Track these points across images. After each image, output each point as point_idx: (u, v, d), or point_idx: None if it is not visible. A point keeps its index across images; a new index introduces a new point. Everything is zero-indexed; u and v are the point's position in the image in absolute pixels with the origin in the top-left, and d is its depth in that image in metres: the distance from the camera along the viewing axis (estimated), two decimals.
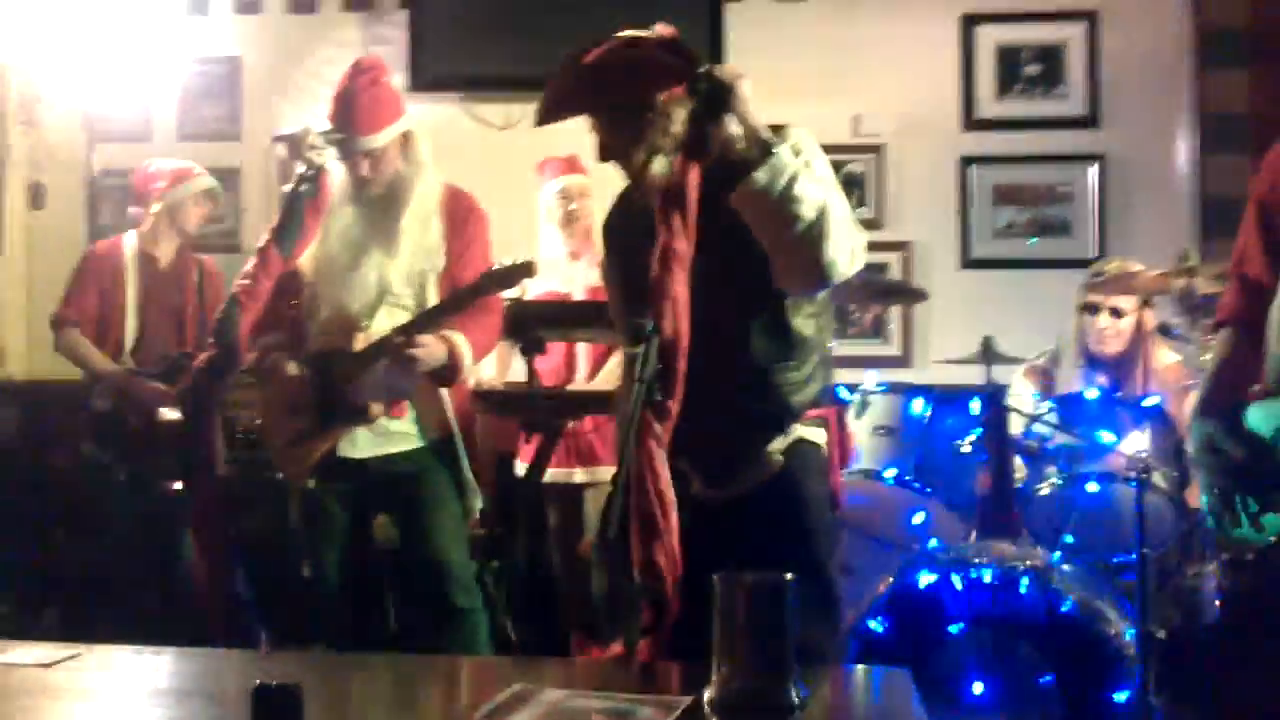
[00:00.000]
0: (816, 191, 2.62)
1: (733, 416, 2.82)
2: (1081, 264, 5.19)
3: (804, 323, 2.84)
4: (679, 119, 2.72)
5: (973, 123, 5.93)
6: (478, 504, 3.99)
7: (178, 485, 4.73)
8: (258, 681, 1.22)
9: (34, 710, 1.96)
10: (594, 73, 2.74)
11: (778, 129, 2.69)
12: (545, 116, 2.81)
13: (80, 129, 5.96)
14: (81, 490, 5.12)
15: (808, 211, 2.60)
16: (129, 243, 5.13)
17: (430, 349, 3.73)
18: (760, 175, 2.58)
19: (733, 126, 2.63)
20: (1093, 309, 4.64)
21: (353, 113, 3.78)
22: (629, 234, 2.89)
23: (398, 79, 4.41)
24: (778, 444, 2.86)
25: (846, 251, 2.66)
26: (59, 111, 6.00)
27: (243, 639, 4.49)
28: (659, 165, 2.74)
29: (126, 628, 4.63)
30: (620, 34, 2.80)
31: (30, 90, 5.93)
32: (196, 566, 4.65)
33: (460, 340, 3.77)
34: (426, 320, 3.76)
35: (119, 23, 5.77)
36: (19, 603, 5.24)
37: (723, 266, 2.72)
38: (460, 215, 3.94)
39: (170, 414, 4.79)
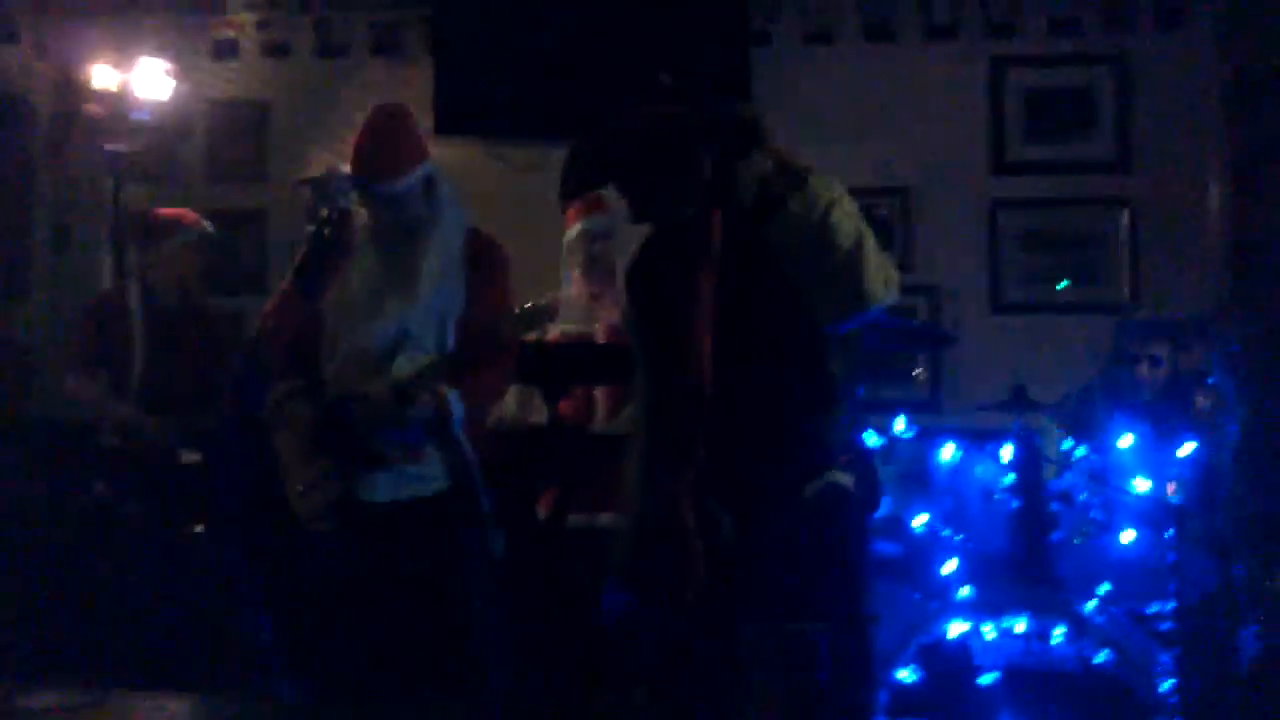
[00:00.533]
0: (850, 220, 2.60)
1: (765, 459, 2.77)
2: (1114, 309, 5.14)
3: (835, 365, 2.80)
4: (705, 165, 2.69)
5: (1002, 166, 5.89)
6: (498, 548, 3.94)
7: (198, 528, 4.71)
8: None
9: None
10: (614, 148, 2.71)
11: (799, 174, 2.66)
12: (568, 192, 2.80)
13: (106, 171, 5.96)
14: (96, 530, 5.11)
15: (844, 239, 2.58)
16: (133, 290, 5.20)
17: (419, 406, 3.71)
18: (795, 204, 2.56)
19: (762, 164, 2.60)
20: (1130, 356, 4.59)
21: (374, 157, 3.76)
22: (655, 281, 2.85)
23: (422, 122, 4.41)
24: (810, 488, 2.81)
25: (883, 279, 2.64)
26: (85, 153, 6.02)
27: (265, 683, 4.44)
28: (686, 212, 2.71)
29: (151, 670, 4.60)
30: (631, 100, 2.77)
31: (57, 132, 5.96)
32: (217, 608, 4.63)
33: (451, 395, 3.74)
34: (431, 373, 3.73)
35: (146, 65, 5.77)
36: (37, 649, 5.22)
37: (757, 309, 2.70)
38: (482, 258, 3.91)
39: (190, 455, 4.79)
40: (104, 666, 4.77)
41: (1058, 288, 5.73)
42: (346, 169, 3.81)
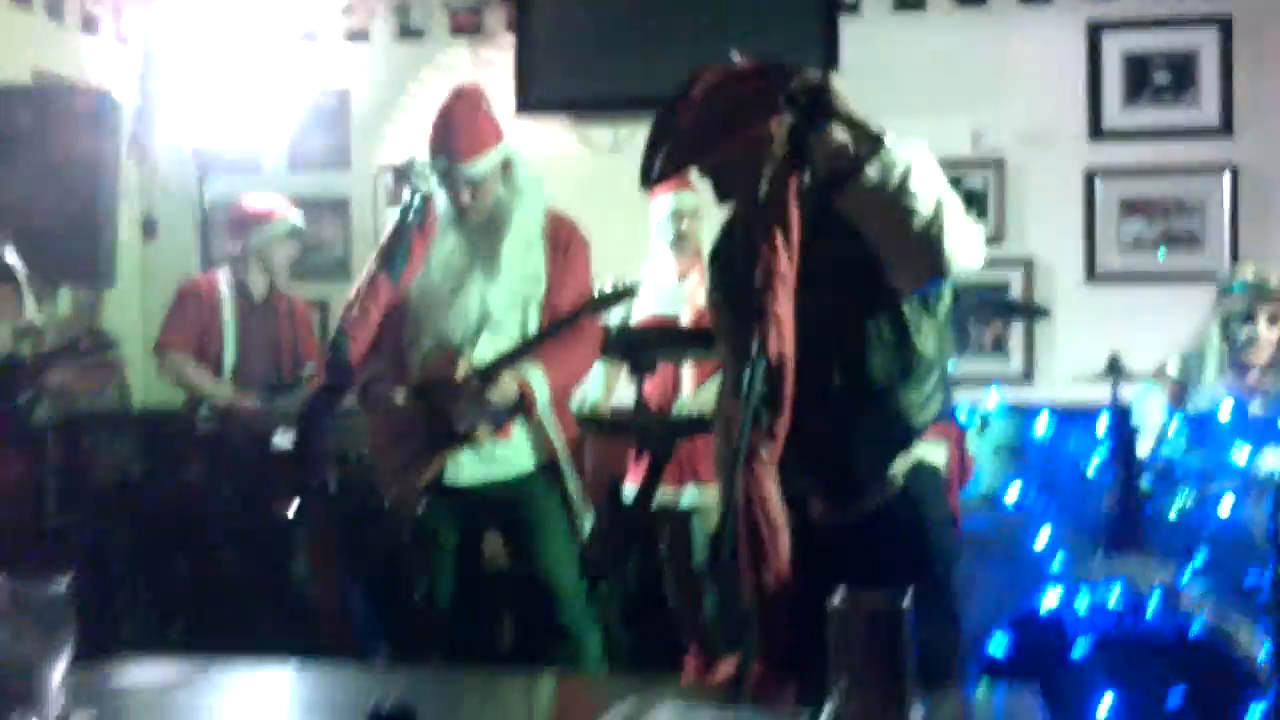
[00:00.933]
0: (930, 183, 2.53)
1: (851, 437, 2.74)
2: (1212, 278, 5.02)
3: (923, 340, 2.73)
4: (780, 139, 2.64)
5: (1099, 133, 5.76)
6: (587, 525, 3.95)
7: (291, 509, 4.78)
8: (373, 703, 1.20)
9: None
10: (692, 131, 2.65)
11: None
12: (649, 180, 2.75)
13: (191, 161, 6.04)
14: (192, 514, 5.20)
15: (924, 205, 2.50)
16: (224, 276, 5.33)
17: (503, 389, 3.72)
18: (872, 170, 2.48)
19: (836, 133, 2.55)
20: (1249, 318, 4.49)
21: (452, 140, 3.77)
22: (735, 259, 2.83)
23: (503, 103, 4.41)
24: (897, 465, 2.77)
25: (964, 243, 2.56)
26: (170, 144, 6.11)
27: (361, 656, 4.50)
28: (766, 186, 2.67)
29: (246, 649, 4.67)
30: (702, 77, 2.70)
31: (143, 124, 6.04)
32: (313, 587, 4.70)
33: (534, 376, 3.75)
34: (514, 356, 3.74)
35: (229, 54, 5.83)
36: (143, 628, 5.32)
37: (837, 282, 2.64)
38: (562, 241, 3.92)
39: (283, 441, 4.86)
40: (201, 644, 4.87)
41: (1159, 257, 5.62)
42: (427, 154, 3.82)
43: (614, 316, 4.73)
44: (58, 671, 1.76)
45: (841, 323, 2.68)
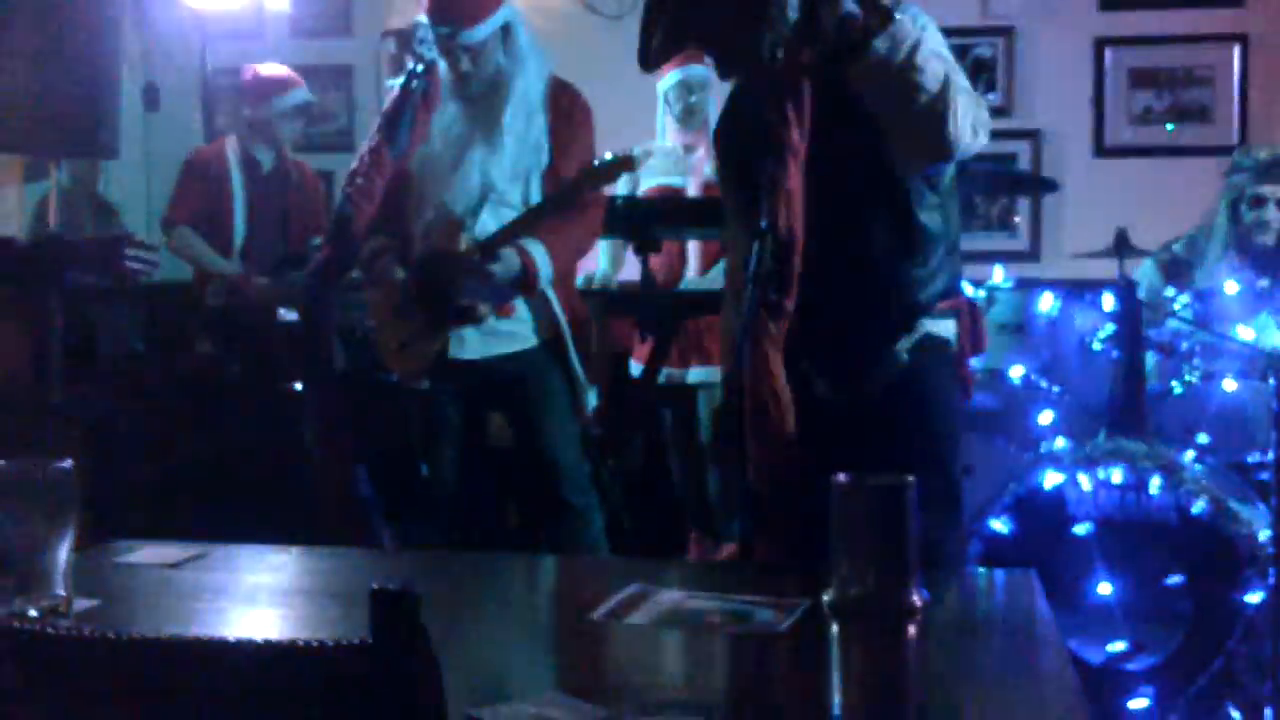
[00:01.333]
0: (938, 61, 2.47)
1: (856, 314, 2.70)
2: (1223, 151, 4.97)
3: (929, 215, 2.68)
4: (786, 12, 2.58)
5: (1109, 2, 5.66)
6: (590, 402, 3.95)
7: (296, 385, 4.78)
8: (375, 585, 1.21)
9: (160, 609, 1.98)
10: (690, 6, 2.57)
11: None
12: (648, 63, 2.68)
13: (192, 27, 5.95)
14: (200, 389, 5.20)
15: (930, 82, 2.42)
16: (232, 146, 5.23)
17: (505, 262, 3.68)
18: (880, 44, 2.39)
19: (846, 3, 2.49)
20: (1258, 200, 4.44)
21: (451, 5, 3.69)
22: (744, 133, 2.79)
23: None
24: (904, 342, 2.77)
25: (970, 123, 2.51)
26: (171, 10, 6.00)
27: (366, 537, 4.55)
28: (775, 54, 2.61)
29: (251, 527, 4.70)
30: None
31: None
32: (316, 465, 4.72)
33: (537, 251, 3.71)
34: (515, 229, 3.70)
35: None
36: (147, 504, 5.35)
37: (841, 157, 2.58)
38: (565, 109, 3.86)
39: (288, 314, 4.85)
40: (208, 523, 4.91)
41: (1167, 129, 5.56)
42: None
43: (619, 189, 4.71)
44: (62, 554, 1.76)
45: (845, 197, 2.62)
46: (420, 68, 3.72)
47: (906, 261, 2.69)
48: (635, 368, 4.73)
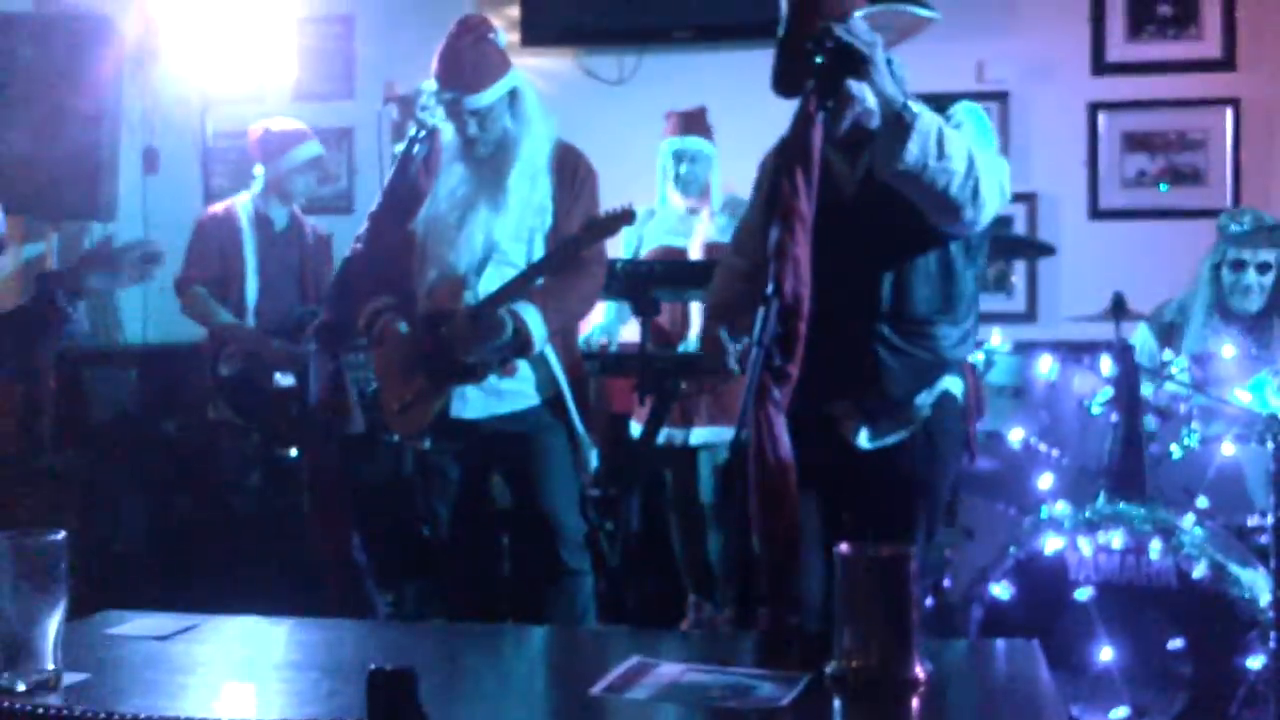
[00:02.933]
0: (960, 140, 2.57)
1: (894, 363, 2.85)
2: (1216, 213, 5.00)
3: (967, 276, 2.87)
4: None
5: (1102, 67, 5.72)
6: (591, 464, 3.95)
7: (293, 451, 4.76)
8: (372, 666, 1.19)
9: (151, 684, 1.95)
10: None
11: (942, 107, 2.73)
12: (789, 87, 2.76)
13: (193, 92, 5.98)
14: (209, 452, 5.18)
15: (959, 164, 2.56)
16: (243, 205, 5.20)
17: (498, 327, 3.69)
18: (913, 149, 2.52)
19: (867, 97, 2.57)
20: (1239, 265, 4.47)
21: (459, 71, 3.73)
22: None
23: (509, 34, 4.36)
24: (926, 396, 2.90)
25: (997, 189, 2.67)
26: (172, 75, 6.04)
27: (361, 603, 4.51)
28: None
29: (249, 592, 4.67)
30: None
31: (144, 54, 5.96)
32: (314, 530, 4.69)
33: (530, 314, 3.70)
34: (511, 289, 3.71)
35: None
36: (141, 567, 5.32)
37: (891, 215, 2.71)
38: (568, 171, 3.88)
39: (285, 380, 4.83)
40: (201, 588, 4.88)
41: (1160, 188, 5.59)
42: (432, 85, 3.79)
43: (623, 251, 4.74)
44: (52, 626, 1.73)
45: (893, 254, 2.80)
46: (422, 133, 3.75)
47: (944, 318, 2.85)
48: (636, 428, 4.73)
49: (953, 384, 2.94)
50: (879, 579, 1.79)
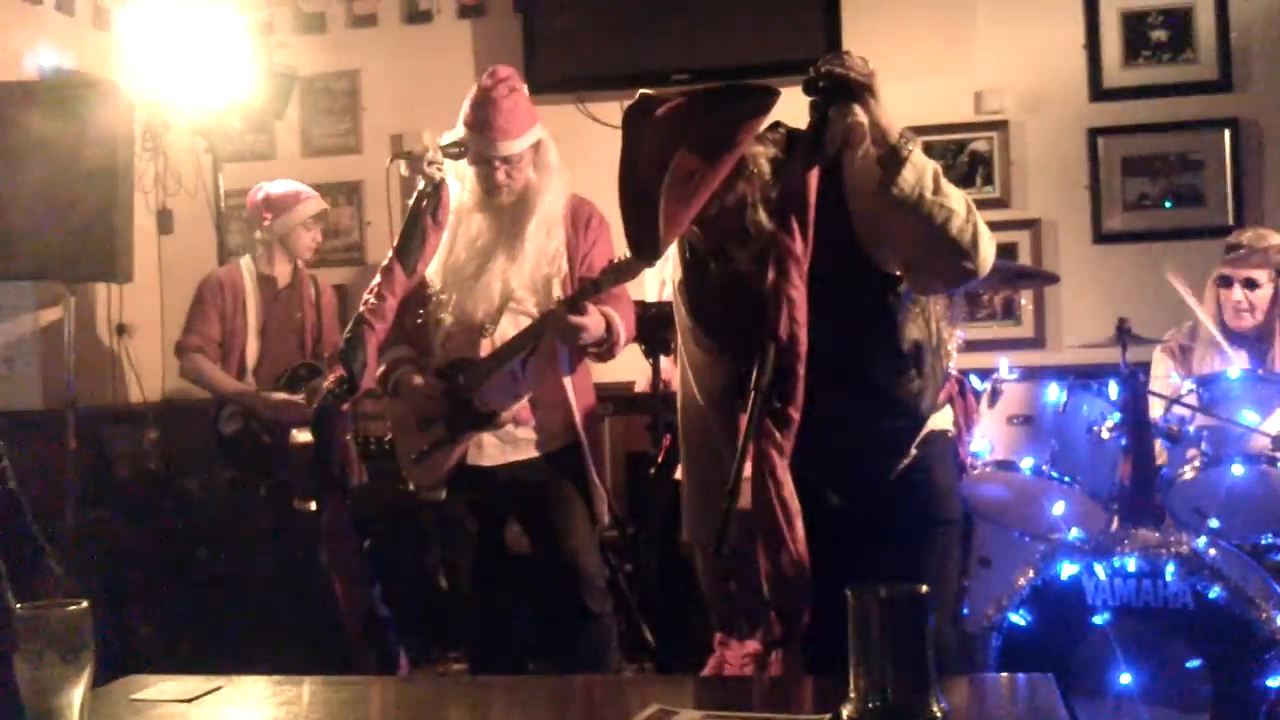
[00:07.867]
0: (957, 189, 2.50)
1: (858, 434, 2.73)
2: (1218, 233, 5.04)
3: (911, 328, 2.70)
4: (764, 165, 2.60)
5: (1099, 93, 5.78)
6: (604, 516, 3.98)
7: (312, 505, 4.79)
8: None
9: None
10: (678, 183, 2.48)
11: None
12: (653, 258, 2.69)
13: (205, 152, 6.05)
14: (221, 510, 5.21)
15: (958, 205, 2.45)
16: (246, 266, 5.26)
17: (595, 318, 3.73)
18: (908, 176, 2.42)
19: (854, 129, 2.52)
20: (1226, 282, 4.51)
21: (492, 119, 3.77)
22: (707, 288, 2.78)
23: None
24: (911, 444, 2.81)
25: (989, 241, 2.53)
26: (184, 136, 6.11)
27: (382, 655, 4.53)
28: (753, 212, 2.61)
29: (268, 647, 4.71)
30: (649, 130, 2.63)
31: (155, 116, 6.03)
32: (333, 586, 4.72)
33: (617, 317, 3.79)
34: (583, 295, 3.74)
35: (238, 44, 5.82)
36: (160, 623, 5.34)
37: (836, 280, 2.55)
38: (582, 221, 3.94)
39: (302, 435, 4.86)
40: (224, 644, 4.90)
41: (1165, 205, 5.64)
42: (440, 140, 3.83)
43: (648, 294, 4.77)
44: (78, 696, 1.74)
45: (840, 318, 2.57)
46: (430, 188, 3.80)
47: (901, 380, 2.71)
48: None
49: (937, 419, 2.83)
50: (890, 619, 1.81)
